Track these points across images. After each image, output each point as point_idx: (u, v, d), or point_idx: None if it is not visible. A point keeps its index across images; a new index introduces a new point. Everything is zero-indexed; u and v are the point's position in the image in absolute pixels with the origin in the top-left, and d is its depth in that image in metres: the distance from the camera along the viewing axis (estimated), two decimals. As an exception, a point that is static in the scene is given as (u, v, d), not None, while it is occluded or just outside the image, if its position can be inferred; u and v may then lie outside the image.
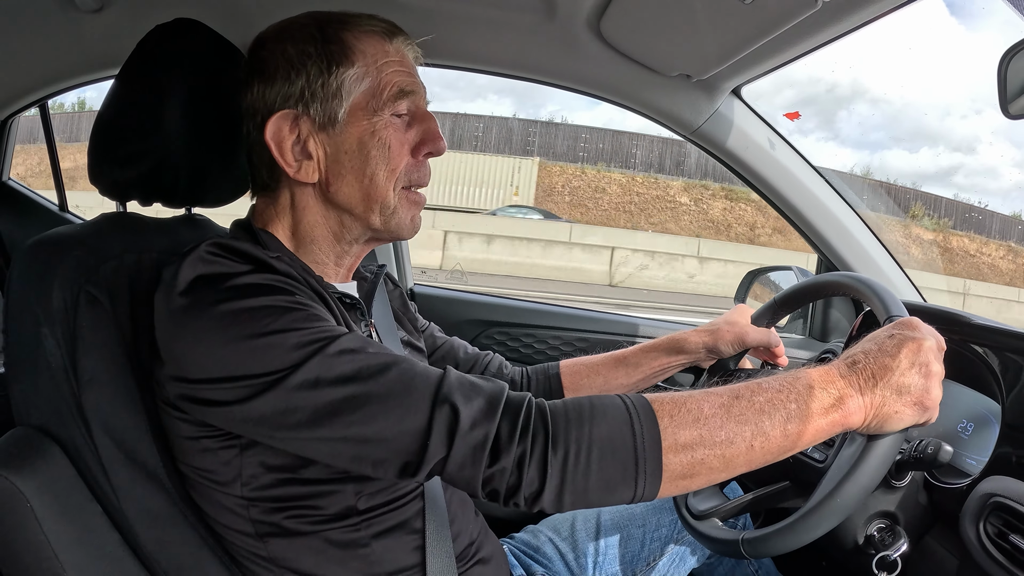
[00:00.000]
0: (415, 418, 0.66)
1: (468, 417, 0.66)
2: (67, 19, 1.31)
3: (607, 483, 0.66)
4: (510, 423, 0.66)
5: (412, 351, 1.04)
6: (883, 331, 0.77)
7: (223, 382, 0.67)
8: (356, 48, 0.81)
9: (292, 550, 0.78)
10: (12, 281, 0.78)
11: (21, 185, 1.82)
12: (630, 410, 0.67)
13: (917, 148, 37.56)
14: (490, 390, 0.69)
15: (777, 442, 0.68)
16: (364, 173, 0.81)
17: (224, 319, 0.68)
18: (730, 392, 0.70)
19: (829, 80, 39.25)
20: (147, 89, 0.85)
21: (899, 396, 0.71)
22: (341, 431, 0.66)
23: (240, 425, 0.70)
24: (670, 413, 0.67)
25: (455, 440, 0.65)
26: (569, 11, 1.21)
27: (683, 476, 0.67)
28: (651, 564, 1.17)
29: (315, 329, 0.69)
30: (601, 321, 1.74)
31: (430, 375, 0.69)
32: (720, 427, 0.67)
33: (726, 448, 0.67)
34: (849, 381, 0.71)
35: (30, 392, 0.76)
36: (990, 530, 0.84)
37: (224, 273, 0.71)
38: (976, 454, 0.96)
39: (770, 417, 0.68)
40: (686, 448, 0.66)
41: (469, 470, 0.66)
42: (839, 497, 0.75)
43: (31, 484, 0.69)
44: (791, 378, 0.71)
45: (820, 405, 0.69)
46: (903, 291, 1.55)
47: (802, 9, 0.96)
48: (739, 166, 1.48)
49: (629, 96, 1.43)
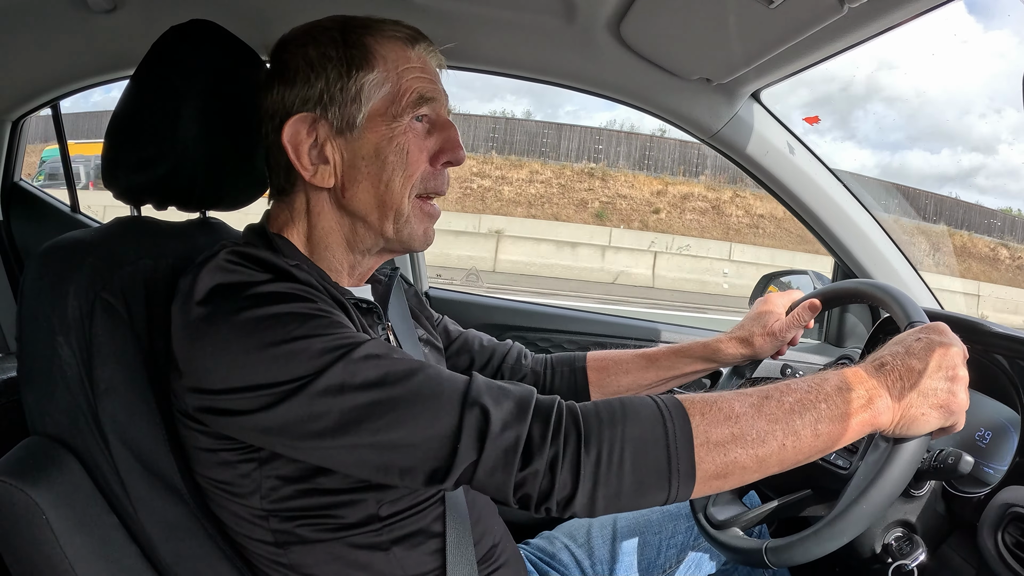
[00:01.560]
0: (444, 421, 0.65)
1: (499, 419, 0.65)
2: (79, 19, 1.30)
3: (641, 484, 0.65)
4: (542, 424, 0.66)
5: (431, 349, 1.03)
6: (910, 334, 0.77)
7: (245, 391, 0.67)
8: (377, 53, 0.81)
9: (312, 556, 0.77)
10: (26, 288, 0.77)
11: (33, 186, 1.82)
12: (662, 409, 0.67)
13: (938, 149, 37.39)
14: (519, 393, 0.68)
15: (808, 442, 0.68)
16: (380, 179, 0.81)
17: (246, 327, 0.67)
18: (760, 392, 0.69)
19: (849, 78, 39.09)
20: (162, 92, 0.84)
21: (926, 399, 0.71)
22: (368, 438, 0.65)
23: (260, 436, 0.69)
24: (701, 411, 0.67)
25: (486, 443, 0.64)
26: (589, 14, 1.21)
27: (717, 476, 0.66)
28: (667, 571, 1.18)
29: (339, 335, 0.68)
30: (617, 325, 1.74)
31: (457, 379, 0.68)
32: (752, 426, 0.66)
33: (759, 447, 0.66)
34: (878, 381, 0.71)
35: (45, 401, 0.75)
36: (1008, 540, 0.85)
37: (244, 282, 0.70)
38: (994, 463, 0.97)
39: (801, 417, 0.68)
40: (719, 447, 0.66)
41: (500, 474, 0.65)
42: (865, 503, 0.75)
43: (47, 496, 0.68)
44: (820, 379, 0.71)
45: (850, 406, 0.69)
46: (921, 296, 1.55)
47: (828, 14, 0.95)
48: (757, 170, 1.48)
49: (648, 100, 1.43)
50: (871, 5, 0.92)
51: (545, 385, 1.18)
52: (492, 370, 1.17)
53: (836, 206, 1.49)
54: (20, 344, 0.77)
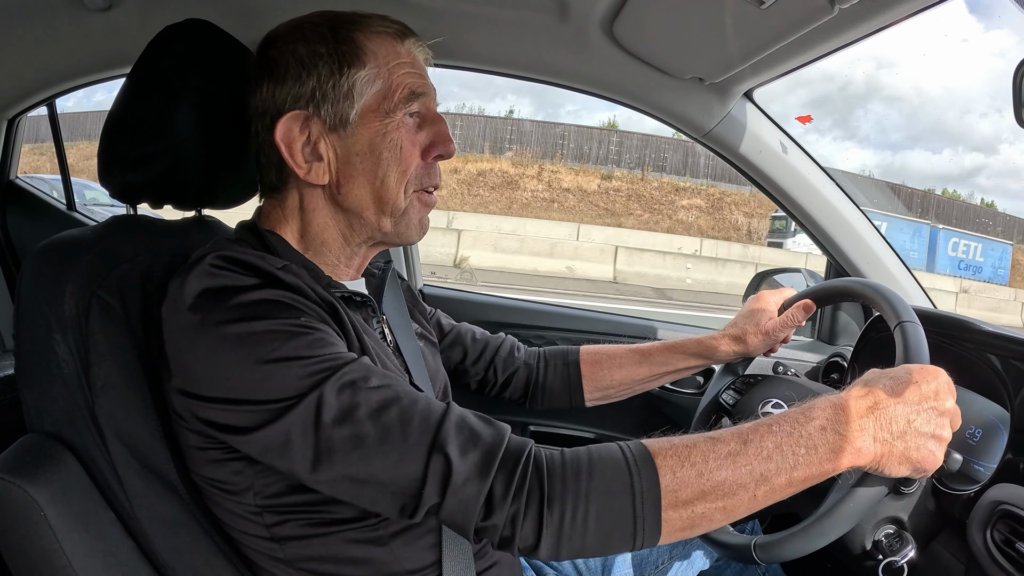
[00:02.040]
0: (411, 465, 0.66)
1: (462, 472, 0.65)
2: (75, 18, 1.31)
3: (606, 538, 0.66)
4: (505, 480, 0.65)
5: (426, 343, 1.04)
6: (906, 374, 0.75)
7: (227, 403, 0.68)
8: (368, 49, 0.81)
9: (309, 551, 0.78)
10: (22, 286, 0.77)
11: (29, 184, 1.82)
12: (630, 465, 0.66)
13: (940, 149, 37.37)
14: (489, 441, 0.68)
15: (781, 489, 0.68)
16: (376, 175, 0.81)
17: (230, 341, 0.68)
18: (738, 438, 0.68)
19: (848, 77, 39.08)
20: (158, 91, 0.85)
21: (905, 451, 0.71)
22: (340, 471, 0.66)
23: (242, 449, 0.71)
24: (672, 468, 0.66)
25: (448, 491, 0.65)
26: (582, 13, 1.21)
27: (683, 529, 0.67)
28: (660, 568, 1.18)
29: (318, 358, 0.69)
30: (612, 322, 1.74)
31: (430, 417, 0.68)
32: (724, 480, 0.66)
33: (728, 499, 0.66)
34: (866, 424, 0.70)
35: (43, 399, 0.76)
36: (997, 537, 0.84)
37: (230, 287, 0.71)
38: (984, 461, 0.97)
39: (777, 464, 0.67)
40: (687, 504, 0.66)
41: (461, 519, 0.66)
42: (852, 501, 0.76)
43: (45, 492, 0.69)
44: (805, 417, 0.70)
45: (830, 449, 0.69)
46: (913, 296, 1.55)
47: (819, 14, 0.96)
48: (750, 169, 1.49)
49: (641, 98, 1.44)
50: (862, 5, 0.93)
51: (538, 379, 1.19)
52: (485, 363, 1.18)
53: (829, 205, 1.50)
54: (17, 342, 0.78)
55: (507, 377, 1.18)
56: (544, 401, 1.20)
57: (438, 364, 1.06)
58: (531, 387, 1.20)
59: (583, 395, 1.19)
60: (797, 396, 0.89)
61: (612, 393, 1.20)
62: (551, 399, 1.20)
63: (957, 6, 15.19)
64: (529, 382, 1.20)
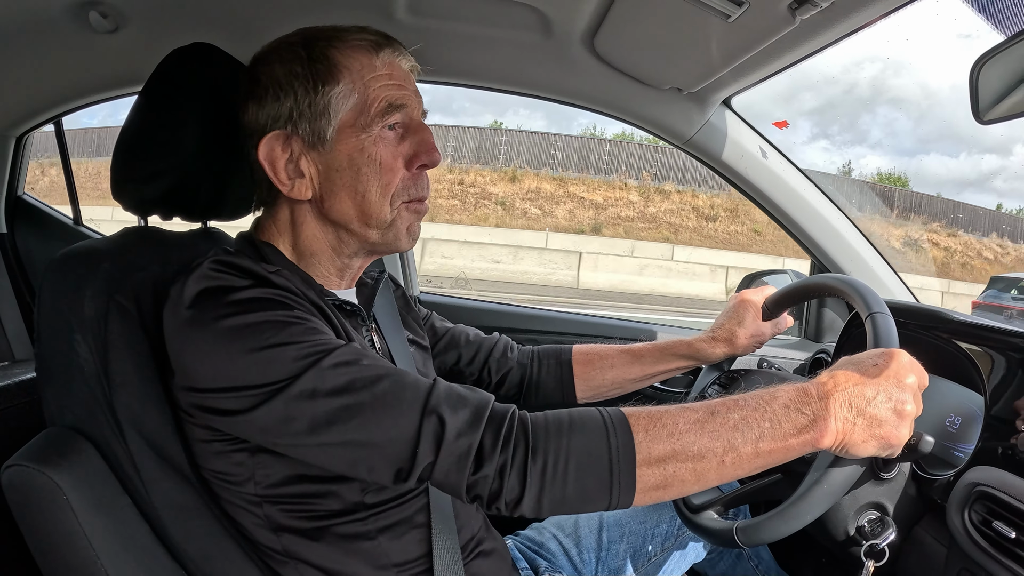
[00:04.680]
0: (405, 427, 0.70)
1: (454, 428, 0.69)
2: (83, 40, 1.34)
3: (584, 492, 0.69)
4: (493, 433, 0.70)
5: (417, 349, 1.06)
6: (868, 357, 0.78)
7: (228, 391, 0.71)
8: (342, 65, 0.81)
9: (304, 543, 0.81)
10: (44, 291, 0.82)
11: (36, 200, 1.85)
12: (607, 424, 0.71)
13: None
14: (476, 402, 0.72)
15: (748, 459, 0.71)
16: (356, 190, 0.82)
17: (228, 333, 0.71)
18: (706, 408, 0.73)
19: (856, 80, 38.70)
20: (167, 111, 0.88)
21: (868, 428, 0.73)
22: (338, 437, 0.70)
23: (245, 432, 0.75)
24: (645, 428, 0.71)
25: (441, 448, 0.69)
26: (564, 29, 1.25)
27: (656, 487, 0.70)
28: (653, 559, 1.20)
29: (312, 342, 0.72)
30: (605, 326, 1.76)
31: (420, 386, 0.72)
32: (693, 442, 0.70)
33: (697, 462, 0.70)
34: (827, 404, 0.73)
35: (64, 395, 0.80)
36: (975, 518, 0.87)
37: (226, 287, 0.74)
38: (964, 445, 0.99)
39: (743, 434, 0.71)
40: (659, 462, 0.70)
41: (455, 476, 0.69)
42: (826, 483, 0.79)
43: (68, 479, 0.74)
44: (769, 396, 0.74)
45: (793, 425, 0.72)
46: (896, 292, 1.58)
47: (781, 26, 1.01)
48: (731, 174, 1.52)
49: (623, 109, 1.47)
50: (822, 16, 0.96)
51: (531, 378, 1.20)
52: (479, 364, 1.19)
53: (810, 207, 1.54)
54: (38, 344, 0.82)
55: (501, 377, 1.20)
56: (537, 398, 1.22)
57: (428, 369, 1.08)
58: (525, 385, 1.21)
59: (575, 393, 1.20)
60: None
61: (604, 392, 1.22)
62: (544, 396, 1.21)
63: (957, 6, 14.98)
64: (523, 381, 1.21)
